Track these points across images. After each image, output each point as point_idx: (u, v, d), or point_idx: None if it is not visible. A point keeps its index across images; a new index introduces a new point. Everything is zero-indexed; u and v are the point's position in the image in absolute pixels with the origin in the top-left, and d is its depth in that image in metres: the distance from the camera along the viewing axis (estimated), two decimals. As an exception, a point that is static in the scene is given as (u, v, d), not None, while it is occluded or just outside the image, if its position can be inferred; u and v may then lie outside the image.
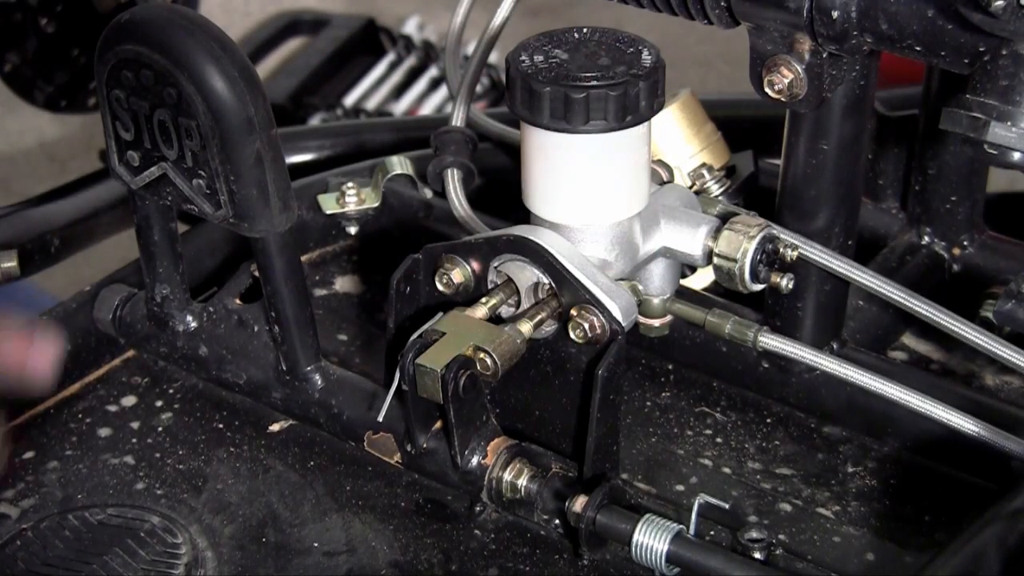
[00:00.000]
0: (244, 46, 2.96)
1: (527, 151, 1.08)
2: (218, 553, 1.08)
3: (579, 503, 1.04)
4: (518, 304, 1.08)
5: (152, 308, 1.21)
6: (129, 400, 1.22)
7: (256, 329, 1.20)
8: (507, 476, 1.09)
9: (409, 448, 1.13)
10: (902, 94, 1.42)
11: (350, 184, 1.36)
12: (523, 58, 1.05)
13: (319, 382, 1.17)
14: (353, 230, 1.38)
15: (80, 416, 1.20)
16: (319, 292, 1.35)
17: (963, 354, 1.25)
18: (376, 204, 1.37)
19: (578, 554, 1.07)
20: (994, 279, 1.28)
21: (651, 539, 1.02)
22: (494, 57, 2.77)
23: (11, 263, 1.33)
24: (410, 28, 3.19)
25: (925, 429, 1.12)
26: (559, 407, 1.10)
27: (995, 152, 0.97)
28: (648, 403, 1.22)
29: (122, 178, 1.13)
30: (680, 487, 1.15)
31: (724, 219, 1.11)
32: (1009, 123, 0.96)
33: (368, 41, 3.12)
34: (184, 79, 1.04)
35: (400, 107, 2.99)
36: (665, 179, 1.17)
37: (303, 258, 1.34)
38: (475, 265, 1.09)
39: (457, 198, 1.29)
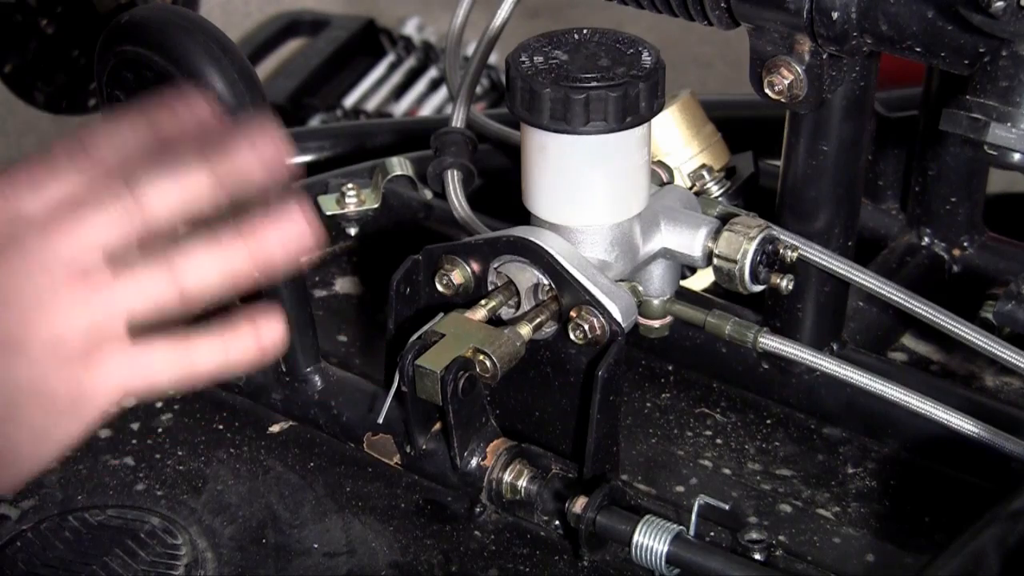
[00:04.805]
0: (244, 47, 2.96)
1: (527, 152, 1.08)
2: (218, 554, 1.08)
3: (579, 504, 1.04)
4: (518, 305, 1.08)
5: (152, 309, 1.21)
6: (129, 401, 1.22)
7: (256, 330, 1.19)
8: (507, 477, 1.09)
9: (408, 449, 1.13)
10: (902, 95, 1.41)
11: (350, 185, 1.36)
12: (523, 59, 1.05)
13: (319, 383, 1.17)
14: (353, 231, 1.38)
15: (80, 417, 1.19)
16: (319, 293, 1.35)
17: (963, 355, 1.25)
18: (376, 205, 1.37)
19: (578, 555, 1.07)
20: (994, 280, 1.28)
21: (651, 540, 1.02)
22: (494, 58, 2.77)
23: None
24: (410, 29, 3.19)
25: (925, 430, 1.12)
26: (559, 408, 1.10)
27: (995, 153, 0.97)
28: (648, 404, 1.22)
29: (122, 179, 1.12)
30: (680, 488, 1.15)
31: (724, 220, 1.11)
32: (1009, 124, 0.96)
33: (368, 42, 3.12)
34: (184, 80, 1.04)
35: (400, 108, 2.99)
36: (665, 180, 1.17)
37: (303, 259, 1.33)
38: (475, 266, 1.09)
39: (457, 199, 1.29)
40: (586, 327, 1.05)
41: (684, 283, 1.18)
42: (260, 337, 0.99)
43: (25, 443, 1.02)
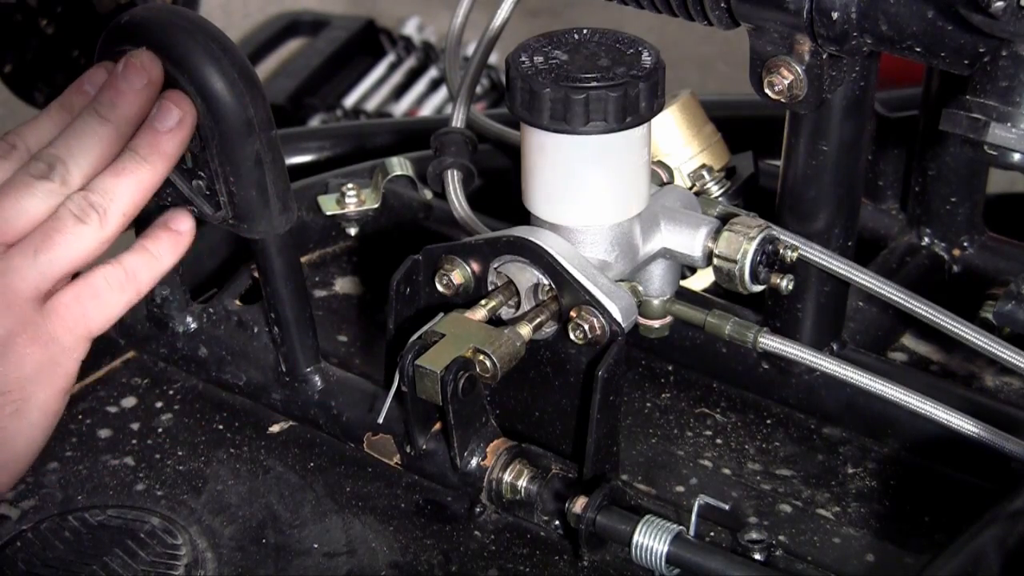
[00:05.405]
0: (244, 47, 2.97)
1: (527, 152, 1.08)
2: (218, 554, 1.08)
3: (579, 504, 1.04)
4: (518, 305, 1.09)
5: (152, 309, 1.21)
6: (129, 401, 1.22)
7: (256, 330, 1.20)
8: (507, 477, 1.09)
9: (409, 449, 1.13)
10: (902, 95, 1.42)
11: (350, 185, 1.36)
12: (523, 59, 1.05)
13: (319, 383, 1.17)
14: (353, 231, 1.38)
15: (80, 417, 1.19)
16: (319, 293, 1.35)
17: (963, 355, 1.25)
18: (376, 205, 1.37)
19: (578, 555, 1.07)
20: (994, 280, 1.28)
21: (651, 540, 1.02)
22: (494, 58, 2.77)
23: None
24: (410, 29, 3.19)
25: (925, 430, 1.12)
26: (559, 408, 1.10)
27: (995, 153, 0.97)
28: (648, 404, 1.22)
29: (122, 179, 1.13)
30: (680, 488, 1.15)
31: (724, 220, 1.11)
32: (1009, 124, 0.96)
33: (368, 42, 3.13)
34: (184, 80, 1.04)
35: (400, 108, 3.00)
36: (665, 180, 1.17)
37: (303, 259, 1.34)
38: (475, 266, 1.09)
39: (457, 199, 1.29)
40: (586, 327, 1.05)
41: (684, 283, 1.18)
42: (174, 231, 1.09)
43: (21, 425, 1.05)
